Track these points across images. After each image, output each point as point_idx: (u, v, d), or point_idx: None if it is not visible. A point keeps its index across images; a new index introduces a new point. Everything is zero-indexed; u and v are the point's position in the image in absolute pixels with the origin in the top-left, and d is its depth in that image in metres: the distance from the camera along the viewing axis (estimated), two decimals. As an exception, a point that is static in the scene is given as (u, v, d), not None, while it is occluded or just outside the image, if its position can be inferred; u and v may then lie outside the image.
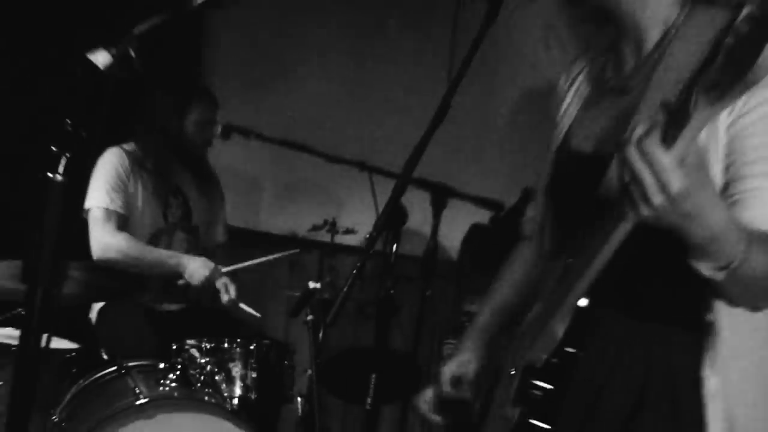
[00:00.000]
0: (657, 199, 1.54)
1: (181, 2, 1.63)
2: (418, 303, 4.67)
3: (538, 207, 2.38)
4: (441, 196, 4.37)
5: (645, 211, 1.57)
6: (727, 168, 1.84)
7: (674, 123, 1.50)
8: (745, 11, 1.88)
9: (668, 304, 1.96)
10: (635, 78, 2.05)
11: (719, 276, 1.69)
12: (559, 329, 1.93)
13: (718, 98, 1.42)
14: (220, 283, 4.93)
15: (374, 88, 6.22)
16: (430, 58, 5.68)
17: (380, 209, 4.50)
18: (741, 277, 1.69)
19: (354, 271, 2.42)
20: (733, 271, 1.67)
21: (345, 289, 2.39)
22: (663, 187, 1.53)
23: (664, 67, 1.95)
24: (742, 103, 1.79)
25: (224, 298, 4.89)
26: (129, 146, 4.83)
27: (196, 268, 4.72)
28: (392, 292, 4.04)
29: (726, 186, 1.84)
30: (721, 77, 1.41)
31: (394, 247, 4.01)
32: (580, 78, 2.30)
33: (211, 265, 4.76)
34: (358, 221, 5.60)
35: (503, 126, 5.69)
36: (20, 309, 3.76)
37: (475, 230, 5.19)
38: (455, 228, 5.04)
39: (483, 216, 4.95)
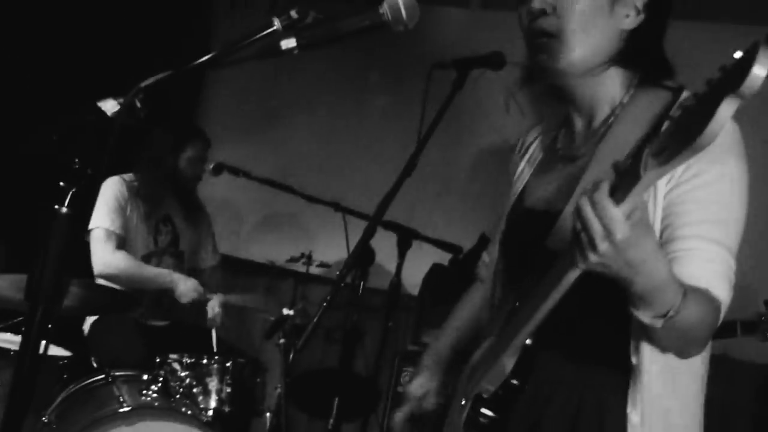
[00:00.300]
0: (602, 246, 1.56)
1: (184, 60, 1.66)
2: (381, 332, 4.67)
3: (492, 255, 2.40)
4: (406, 238, 4.40)
5: (592, 257, 1.59)
6: (663, 230, 1.88)
7: (624, 182, 1.53)
8: (685, 94, 1.94)
9: (599, 347, 1.98)
10: (583, 149, 2.09)
11: (658, 323, 1.71)
12: (508, 365, 1.95)
13: (665, 161, 1.44)
14: (210, 306, 4.96)
15: (351, 139, 6.28)
16: (402, 113, 5.73)
17: (351, 245, 4.53)
18: (676, 326, 1.71)
19: (324, 303, 2.43)
20: (670, 319, 1.69)
21: (315, 320, 2.40)
22: (608, 235, 1.55)
23: (610, 140, 2.00)
24: (679, 173, 1.84)
25: (209, 321, 4.92)
26: (128, 177, 4.88)
27: (186, 289, 4.75)
28: (357, 321, 4.06)
29: (662, 246, 1.86)
30: (669, 143, 1.43)
31: (362, 283, 4.04)
32: (534, 145, 2.34)
33: (201, 289, 4.79)
34: (331, 255, 5.62)
35: (464, 178, 5.74)
36: (20, 318, 3.75)
37: (435, 269, 5.21)
38: (418, 266, 5.05)
39: (443, 257, 4.97)
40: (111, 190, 4.75)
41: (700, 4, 4.96)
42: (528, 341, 1.92)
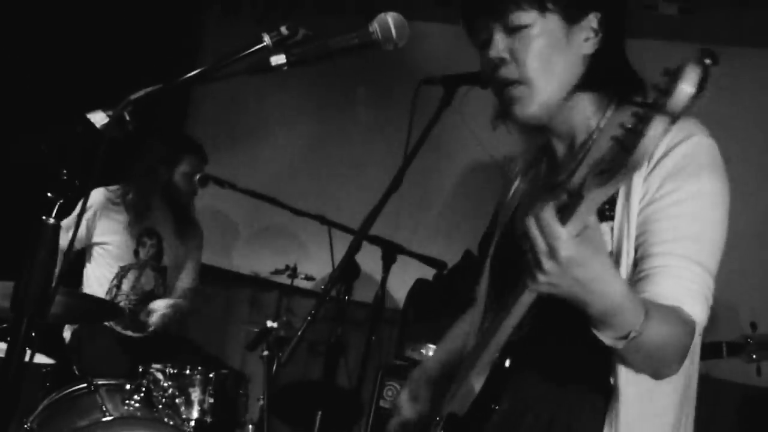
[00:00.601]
0: (548, 264, 1.57)
1: (173, 72, 1.67)
2: (364, 345, 4.68)
3: (482, 286, 2.41)
4: (391, 252, 4.41)
5: (539, 277, 1.60)
6: (637, 247, 1.86)
7: (571, 203, 1.55)
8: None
9: (577, 368, 1.96)
10: (564, 176, 2.08)
11: (619, 345, 1.70)
12: (476, 383, 1.95)
13: (605, 181, 1.47)
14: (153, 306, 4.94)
15: (337, 152, 6.29)
16: (389, 127, 5.76)
17: (336, 258, 4.54)
18: (641, 347, 1.70)
19: (308, 318, 2.43)
20: (632, 340, 1.68)
21: (299, 334, 2.40)
22: (553, 253, 1.56)
23: (587, 162, 1.99)
24: (653, 190, 1.83)
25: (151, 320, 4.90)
26: (111, 188, 4.88)
27: None
28: (341, 334, 4.07)
29: (636, 263, 1.86)
30: (610, 163, 1.47)
31: (347, 298, 4.05)
32: (521, 174, 2.35)
33: None
34: (316, 268, 5.62)
35: (450, 193, 5.75)
36: (5, 324, 3.75)
37: (419, 284, 5.22)
38: (402, 280, 5.06)
39: (428, 272, 4.98)
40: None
41: (674, 24, 5.03)
42: (507, 363, 1.93)
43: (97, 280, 4.87)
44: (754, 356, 3.87)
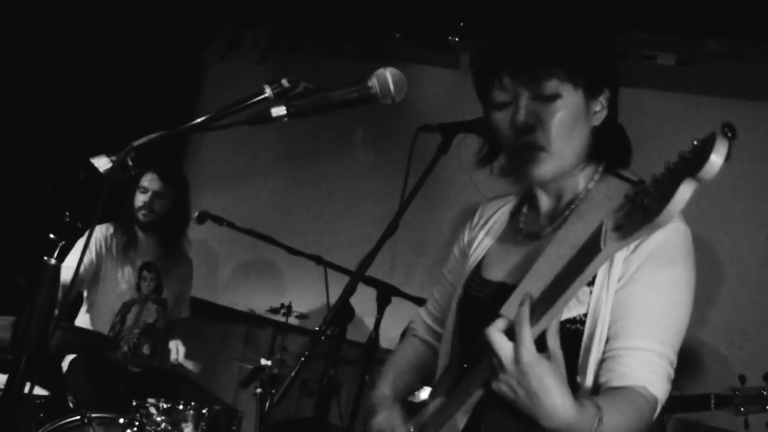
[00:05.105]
0: (510, 366, 1.70)
1: (174, 113, 1.71)
2: (358, 384, 4.68)
3: (432, 315, 2.56)
4: (386, 294, 4.42)
5: (500, 376, 1.73)
6: (611, 325, 1.94)
7: (540, 305, 1.65)
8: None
9: None
10: (548, 228, 2.15)
11: None
12: (461, 422, 2.01)
13: (625, 235, 1.54)
14: (172, 344, 4.96)
15: (335, 192, 6.31)
16: (387, 168, 5.80)
17: (332, 298, 4.55)
18: None
19: (302, 359, 2.45)
20: None
21: (292, 375, 2.42)
22: (516, 356, 1.68)
23: (569, 225, 2.07)
24: (632, 271, 1.93)
25: (172, 357, 4.93)
26: (110, 224, 4.92)
27: None
28: (334, 374, 4.08)
29: (608, 339, 1.94)
30: (626, 220, 1.54)
31: (340, 340, 4.06)
32: (495, 217, 2.38)
33: None
34: (310, 306, 5.64)
35: (445, 236, 5.77)
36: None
37: (413, 325, 5.23)
38: (396, 321, 5.07)
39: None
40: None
41: (672, 75, 5.07)
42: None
43: (99, 316, 4.90)
44: (742, 409, 3.88)
